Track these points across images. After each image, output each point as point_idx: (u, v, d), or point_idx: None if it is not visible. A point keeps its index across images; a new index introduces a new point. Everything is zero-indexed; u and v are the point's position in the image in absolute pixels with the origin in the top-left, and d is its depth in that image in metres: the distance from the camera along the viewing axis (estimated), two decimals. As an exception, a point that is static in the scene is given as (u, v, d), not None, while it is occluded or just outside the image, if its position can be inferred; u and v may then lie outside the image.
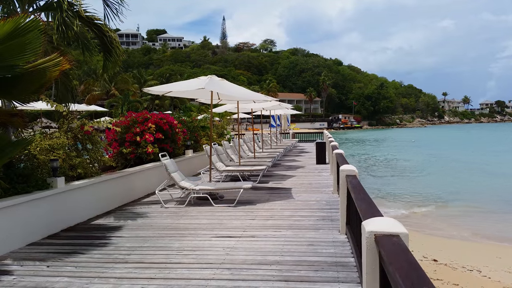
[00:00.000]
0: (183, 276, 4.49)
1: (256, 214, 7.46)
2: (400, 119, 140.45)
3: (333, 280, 4.27)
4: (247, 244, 5.64)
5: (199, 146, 14.16)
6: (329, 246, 5.45)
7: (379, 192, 19.93)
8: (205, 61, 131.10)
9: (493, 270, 8.49)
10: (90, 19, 8.22)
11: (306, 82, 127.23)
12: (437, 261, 8.91)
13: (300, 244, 5.60)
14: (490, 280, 7.78)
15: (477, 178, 24.71)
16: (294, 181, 11.55)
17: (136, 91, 65.34)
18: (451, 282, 7.42)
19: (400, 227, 2.53)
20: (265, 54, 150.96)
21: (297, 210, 7.74)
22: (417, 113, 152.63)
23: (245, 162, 13.16)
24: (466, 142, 58.79)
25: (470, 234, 12.35)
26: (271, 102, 13.40)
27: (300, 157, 19.15)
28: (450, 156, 38.46)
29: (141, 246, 5.66)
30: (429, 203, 17.36)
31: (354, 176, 5.64)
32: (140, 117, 10.78)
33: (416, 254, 9.28)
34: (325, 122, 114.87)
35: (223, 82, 9.23)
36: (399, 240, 2.40)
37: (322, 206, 8.06)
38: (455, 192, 19.95)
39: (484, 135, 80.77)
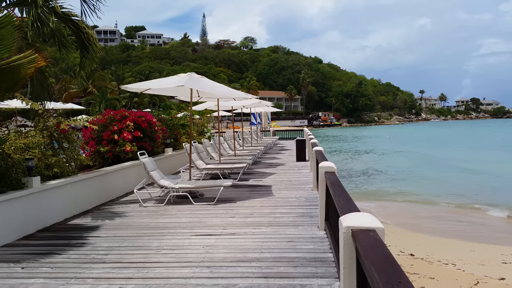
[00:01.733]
0: (162, 275, 4.45)
1: (236, 211, 7.46)
2: (378, 116, 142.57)
3: (312, 275, 4.31)
4: (227, 241, 5.63)
5: (179, 144, 14.05)
6: (308, 242, 5.49)
7: (358, 188, 20.22)
8: (185, 58, 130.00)
9: (467, 263, 8.72)
10: (66, 15, 8.04)
11: (287, 80, 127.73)
12: (414, 255, 9.11)
13: (280, 240, 5.63)
14: (464, 273, 8.00)
15: (453, 174, 25.32)
16: (274, 178, 11.59)
17: (114, 88, 64.30)
18: (427, 276, 7.59)
19: (376, 222, 2.57)
20: (246, 52, 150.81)
21: (277, 207, 7.78)
22: (395, 110, 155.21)
23: (225, 160, 13.13)
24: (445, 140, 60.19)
25: (446, 229, 12.66)
26: (251, 99, 13.40)
27: (281, 154, 19.23)
28: (429, 153, 39.32)
29: (119, 246, 5.59)
30: (408, 198, 17.71)
31: (333, 173, 5.69)
32: (118, 115, 10.61)
33: (393, 249, 9.45)
34: (305, 119, 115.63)
35: (202, 80, 9.17)
36: (375, 235, 2.43)
37: (302, 203, 8.11)
38: (434, 188, 20.42)
39: (457, 131, 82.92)
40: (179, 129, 14.33)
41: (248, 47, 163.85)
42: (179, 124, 14.46)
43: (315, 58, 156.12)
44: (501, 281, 7.83)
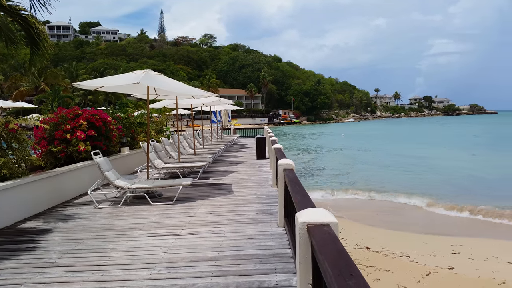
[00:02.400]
0: (118, 278, 4.33)
1: (195, 211, 7.38)
2: (336, 114, 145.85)
3: (271, 272, 4.35)
4: (186, 241, 5.57)
5: (136, 143, 13.72)
6: (268, 239, 5.53)
7: (316, 184, 20.63)
8: (142, 55, 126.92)
9: (420, 255, 9.12)
10: (13, 9, 7.61)
11: (247, 78, 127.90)
12: (370, 248, 9.40)
13: (239, 238, 5.63)
14: (417, 264, 8.36)
15: (407, 170, 26.38)
16: (234, 176, 11.58)
17: (67, 86, 61.85)
18: (383, 268, 7.86)
19: (330, 216, 2.62)
20: (205, 49, 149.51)
21: (237, 205, 7.78)
22: (352, 108, 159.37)
23: (185, 159, 12.97)
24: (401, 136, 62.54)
25: (401, 223, 13.18)
26: (211, 97, 13.27)
27: (241, 152, 19.23)
28: (385, 149, 40.73)
29: (73, 249, 5.39)
30: (365, 193, 18.26)
31: (291, 170, 5.75)
32: (70, 114, 10.20)
33: (350, 243, 9.74)
34: (266, 117, 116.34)
35: (159, 77, 8.99)
36: (329, 229, 2.48)
37: (262, 200, 8.16)
38: (389, 183, 21.17)
39: (409, 128, 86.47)
40: (136, 128, 13.98)
41: (207, 44, 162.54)
42: (136, 123, 14.10)
43: (274, 56, 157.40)
44: (450, 270, 8.24)
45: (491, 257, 9.58)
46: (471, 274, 8.15)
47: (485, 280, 7.96)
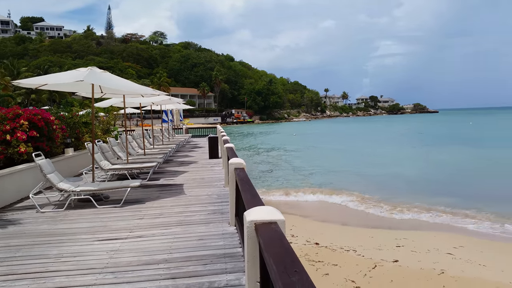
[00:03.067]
0: (61, 285, 4.14)
1: (144, 213, 7.20)
2: (288, 113, 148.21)
3: (221, 271, 4.34)
4: (133, 245, 5.41)
5: (81, 144, 13.16)
6: (219, 239, 5.51)
7: (268, 182, 20.85)
8: (89, 52, 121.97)
9: (366, 249, 9.48)
10: None
11: (199, 76, 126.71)
12: (319, 244, 9.64)
13: (190, 239, 5.57)
14: (364, 258, 8.68)
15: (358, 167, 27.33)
16: (186, 176, 11.43)
17: (7, 84, 58.15)
18: (331, 263, 8.09)
19: (277, 214, 2.65)
20: (155, 47, 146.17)
21: (188, 206, 7.68)
22: (302, 108, 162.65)
23: (134, 160, 12.61)
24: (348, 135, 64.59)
25: (349, 218, 13.63)
26: (160, 96, 13.01)
27: (193, 152, 19.03)
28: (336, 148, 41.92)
29: (13, 256, 5.07)
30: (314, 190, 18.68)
31: (242, 169, 5.77)
32: (10, 113, 9.59)
33: (301, 239, 9.93)
34: (219, 117, 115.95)
35: (105, 75, 8.67)
36: (276, 227, 2.51)
37: (214, 200, 8.12)
38: (339, 181, 21.82)
39: (357, 127, 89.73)
40: (81, 128, 13.41)
41: (157, 42, 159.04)
42: (81, 122, 13.52)
43: (227, 55, 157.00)
44: (395, 263, 8.63)
45: (432, 249, 10.14)
46: (414, 266, 8.59)
47: (426, 271, 8.41)
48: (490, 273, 8.60)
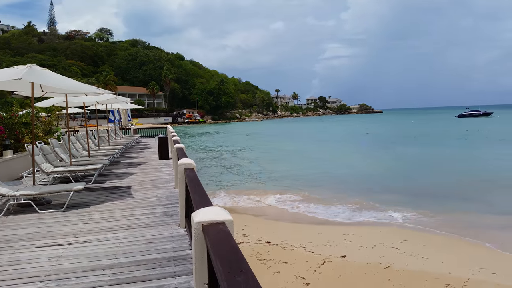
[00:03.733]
0: (-4, 297, 3.87)
1: (89, 217, 6.90)
2: (240, 113, 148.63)
3: (170, 275, 4.25)
4: (77, 251, 5.17)
5: (21, 145, 12.41)
6: (168, 242, 5.40)
7: (218, 183, 20.77)
8: (30, 49, 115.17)
9: (316, 245, 9.70)
10: None
11: (148, 75, 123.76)
12: (270, 242, 9.74)
13: (138, 243, 5.41)
14: (313, 254, 8.88)
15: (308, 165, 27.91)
16: (134, 178, 11.11)
17: None
18: (282, 261, 8.20)
19: (225, 214, 2.63)
20: (101, 44, 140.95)
21: (136, 209, 7.46)
22: (254, 108, 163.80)
23: (78, 162, 12.06)
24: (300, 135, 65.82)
25: (299, 216, 13.88)
26: (106, 95, 12.56)
27: (142, 153, 18.55)
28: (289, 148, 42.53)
29: None
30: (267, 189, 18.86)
31: (191, 170, 5.69)
32: None
33: (252, 238, 9.99)
34: (170, 117, 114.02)
35: (46, 72, 8.21)
36: (224, 227, 2.49)
37: (163, 202, 7.95)
38: (288, 178, 22.16)
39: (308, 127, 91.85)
40: (21, 129, 12.65)
41: (103, 39, 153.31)
42: (20, 123, 12.75)
43: (177, 54, 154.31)
44: (343, 258, 8.90)
45: (378, 244, 10.56)
46: (361, 261, 8.90)
47: (373, 265, 8.74)
48: (431, 265, 9.09)
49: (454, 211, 14.51)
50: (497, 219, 13.31)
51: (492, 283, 8.20)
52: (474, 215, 13.92)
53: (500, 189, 18.04)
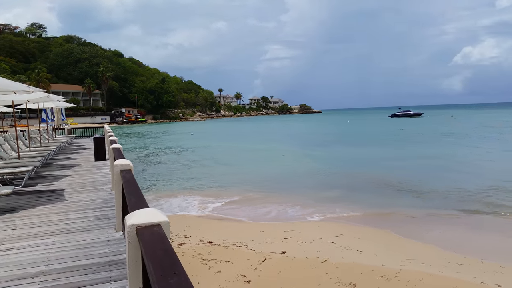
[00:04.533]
0: None
1: (18, 222, 6.49)
2: (182, 113, 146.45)
3: (105, 280, 4.13)
4: (4, 259, 4.84)
5: None
6: (104, 246, 5.23)
7: (157, 185, 20.38)
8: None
9: (257, 243, 9.85)
10: None
11: (84, 73, 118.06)
12: (212, 242, 9.73)
13: (71, 249, 5.18)
14: (255, 252, 9.01)
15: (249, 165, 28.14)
16: (68, 181, 10.59)
17: None
18: (223, 260, 8.23)
19: (160, 216, 2.61)
20: (33, 40, 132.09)
21: (69, 213, 7.12)
22: (197, 107, 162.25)
23: (6, 164, 11.24)
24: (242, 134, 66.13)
25: (241, 214, 13.99)
26: (37, 93, 11.82)
27: (77, 154, 17.71)
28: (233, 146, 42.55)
29: None
30: (208, 189, 18.79)
31: (128, 171, 5.56)
32: None
33: (194, 239, 9.92)
34: (108, 116, 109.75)
35: (-34, 69, 7.60)
36: (159, 229, 2.47)
37: (99, 205, 7.66)
38: (233, 178, 22.23)
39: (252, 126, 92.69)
40: None
41: (35, 34, 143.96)
42: None
43: (115, 51, 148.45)
44: (283, 254, 9.12)
45: (316, 239, 10.93)
46: (300, 256, 9.17)
47: (311, 260, 9.04)
48: (366, 258, 9.58)
49: (387, 206, 15.36)
50: (424, 214, 14.28)
51: (421, 272, 8.79)
52: (403, 210, 14.83)
53: (429, 185, 19.35)
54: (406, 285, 7.96)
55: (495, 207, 14.69)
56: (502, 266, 9.25)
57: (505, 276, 8.61)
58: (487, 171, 22.75)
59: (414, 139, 45.02)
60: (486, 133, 51.12)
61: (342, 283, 7.73)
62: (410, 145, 39.19)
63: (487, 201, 15.53)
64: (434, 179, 20.59)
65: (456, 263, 9.47)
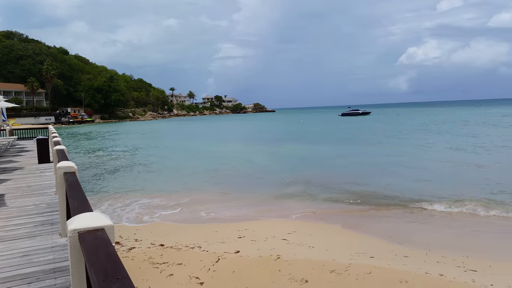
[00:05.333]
0: None
1: (-50, 231, 6.04)
2: (132, 112, 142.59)
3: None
4: None
5: None
6: (48, 253, 5.00)
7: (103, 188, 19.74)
8: None
9: (210, 244, 9.80)
10: None
11: (26, 71, 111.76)
12: (164, 245, 9.56)
13: (12, 257, 4.91)
14: (208, 253, 8.96)
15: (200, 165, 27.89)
16: (9, 185, 10.00)
17: None
18: (176, 263, 8.12)
19: (104, 220, 2.53)
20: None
21: (10, 219, 6.74)
22: (149, 106, 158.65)
23: None
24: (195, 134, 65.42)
25: (192, 216, 13.85)
26: (-28, 93, 11.08)
27: (19, 157, 16.75)
28: (185, 146, 41.94)
29: None
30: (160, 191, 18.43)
31: (72, 173, 5.34)
32: None
33: (145, 242, 9.70)
34: (52, 116, 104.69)
35: None
36: (102, 234, 2.40)
37: (42, 210, 7.31)
38: (186, 178, 21.93)
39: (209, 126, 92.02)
40: None
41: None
42: None
43: (60, 48, 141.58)
44: (236, 254, 9.14)
45: (270, 237, 11.05)
46: (254, 254, 9.23)
47: (264, 258, 9.13)
48: (317, 254, 9.81)
49: (338, 202, 15.81)
50: (372, 209, 14.85)
51: (370, 265, 9.13)
52: (353, 206, 15.33)
53: (376, 181, 20.12)
54: (356, 278, 8.23)
55: (438, 199, 15.54)
56: (445, 256, 9.81)
57: (447, 266, 9.14)
58: (430, 166, 24.01)
59: (361, 138, 46.69)
60: (430, 130, 54.06)
61: (294, 279, 7.87)
62: (356, 143, 40.58)
63: (431, 194, 16.42)
64: (380, 175, 21.45)
65: (403, 255, 9.91)
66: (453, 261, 9.38)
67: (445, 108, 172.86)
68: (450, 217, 13.52)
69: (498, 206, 14.42)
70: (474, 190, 16.89)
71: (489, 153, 28.37)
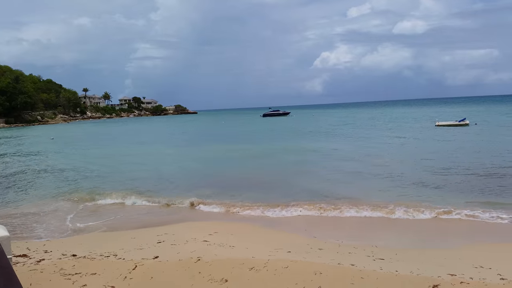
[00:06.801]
0: None
1: None
2: (41, 115, 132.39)
3: None
4: None
5: None
6: None
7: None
8: None
9: (127, 251, 9.50)
10: None
11: None
12: (76, 255, 9.08)
13: None
14: (124, 261, 8.68)
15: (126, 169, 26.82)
16: None
17: None
18: (89, 273, 7.75)
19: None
20: None
21: None
22: (59, 109, 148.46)
23: None
24: (109, 136, 62.54)
25: (113, 222, 13.32)
26: None
27: None
28: (102, 151, 39.90)
29: None
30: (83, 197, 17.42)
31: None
32: None
33: (56, 253, 9.14)
34: None
35: None
36: (-4, 247, 2.27)
37: None
38: (105, 183, 20.92)
39: (124, 129, 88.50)
40: None
41: None
42: None
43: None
44: (155, 259, 8.97)
45: (190, 239, 11.00)
46: (173, 258, 9.12)
47: (184, 261, 9.06)
48: (237, 252, 9.98)
49: (256, 200, 16.17)
50: (289, 205, 15.44)
51: (287, 260, 9.51)
52: (271, 203, 15.79)
53: (290, 178, 20.92)
54: (274, 273, 8.52)
55: (351, 193, 16.60)
56: (356, 247, 10.54)
57: (358, 256, 9.82)
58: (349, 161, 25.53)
59: (280, 137, 48.35)
60: (340, 129, 57.49)
61: (214, 280, 7.94)
62: (273, 141, 41.97)
63: (345, 188, 17.49)
64: (295, 173, 22.38)
65: (318, 248, 10.46)
66: (363, 251, 10.11)
67: (356, 109, 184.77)
68: (364, 208, 14.51)
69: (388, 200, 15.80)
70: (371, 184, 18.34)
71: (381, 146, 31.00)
